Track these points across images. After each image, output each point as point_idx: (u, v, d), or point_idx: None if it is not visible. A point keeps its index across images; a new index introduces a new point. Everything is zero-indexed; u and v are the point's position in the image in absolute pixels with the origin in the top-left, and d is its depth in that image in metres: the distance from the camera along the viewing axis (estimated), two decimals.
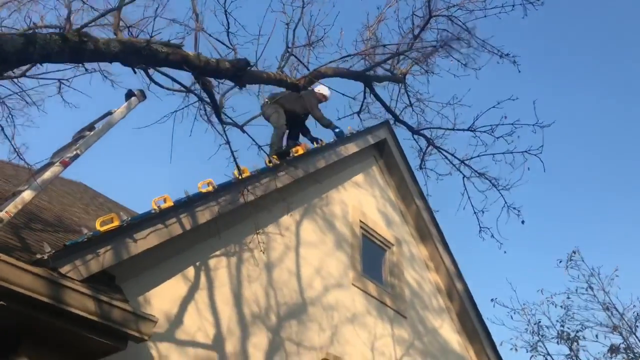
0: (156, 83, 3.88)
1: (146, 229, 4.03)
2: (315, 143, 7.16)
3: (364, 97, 5.93)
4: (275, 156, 6.23)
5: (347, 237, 6.69)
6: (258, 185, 5.31)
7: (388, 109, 5.67)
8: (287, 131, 7.45)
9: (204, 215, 4.59)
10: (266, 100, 7.18)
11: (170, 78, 3.69)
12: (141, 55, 3.11)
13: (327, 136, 12.35)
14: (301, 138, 7.58)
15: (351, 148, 7.16)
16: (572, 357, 10.96)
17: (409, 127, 5.68)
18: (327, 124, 7.14)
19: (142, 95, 4.49)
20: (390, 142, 7.98)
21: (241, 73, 3.66)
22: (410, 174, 8.06)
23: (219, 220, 4.74)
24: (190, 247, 4.60)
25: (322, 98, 7.55)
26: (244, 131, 3.79)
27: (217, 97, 4.08)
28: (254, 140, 3.88)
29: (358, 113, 6.29)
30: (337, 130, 7.14)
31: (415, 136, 5.83)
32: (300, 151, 6.52)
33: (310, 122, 7.49)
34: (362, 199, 7.31)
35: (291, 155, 6.39)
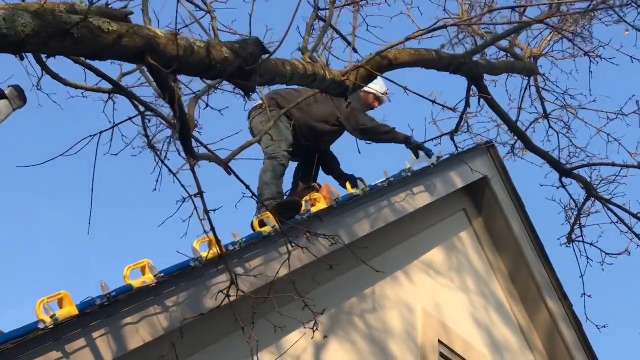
0: (55, 77, 3.87)
1: None
2: (350, 186, 7.13)
3: (466, 104, 5.97)
4: (269, 212, 6.20)
5: None
6: (242, 275, 5.23)
7: (511, 125, 5.71)
8: (297, 164, 7.49)
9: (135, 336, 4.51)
10: (259, 103, 7.20)
11: (88, 67, 3.67)
12: (67, 39, 3.15)
13: (375, 173, 12.42)
14: (322, 177, 7.73)
15: (421, 197, 7.15)
16: None
17: (553, 162, 5.70)
18: (393, 137, 7.35)
19: (19, 98, 4.51)
20: (497, 184, 8.05)
21: (251, 68, 3.78)
22: (538, 246, 8.14)
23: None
24: None
25: (373, 101, 7.71)
26: (229, 171, 3.72)
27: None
28: (246, 185, 3.78)
29: (452, 134, 6.29)
30: (416, 142, 7.30)
31: (565, 180, 5.89)
32: (321, 202, 6.47)
33: (343, 147, 7.51)
34: (442, 298, 7.32)
35: (303, 209, 6.32)
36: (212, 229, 3.85)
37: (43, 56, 3.70)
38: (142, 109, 3.98)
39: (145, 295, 4.71)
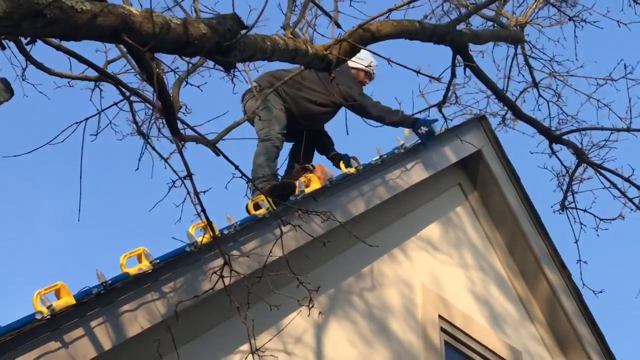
0: (39, 66, 3.84)
1: None
2: (343, 165, 7.11)
3: (452, 74, 5.93)
4: (263, 195, 6.18)
5: (414, 350, 6.63)
6: (236, 257, 5.22)
7: (500, 94, 5.68)
8: (292, 145, 7.47)
9: (134, 323, 4.50)
10: (253, 84, 7.15)
11: (72, 55, 3.63)
12: (39, 20, 3.11)
13: (368, 151, 12.44)
14: (317, 158, 7.71)
15: (416, 172, 7.14)
16: None
17: (543, 130, 5.68)
18: (394, 118, 7.22)
19: (5, 90, 4.48)
20: (491, 157, 8.05)
21: (230, 43, 3.74)
22: (535, 218, 8.15)
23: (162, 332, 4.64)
24: None
25: (364, 77, 7.68)
26: (217, 152, 3.69)
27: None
28: (235, 166, 3.75)
29: (440, 106, 6.26)
30: (422, 127, 7.17)
31: (555, 146, 5.86)
32: (315, 182, 6.45)
33: (336, 128, 7.48)
34: (441, 273, 7.32)
35: (297, 190, 6.31)
36: (203, 210, 3.83)
37: (27, 46, 3.68)
38: (128, 94, 3.93)
39: (142, 282, 4.71)
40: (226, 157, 3.67)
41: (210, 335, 5.16)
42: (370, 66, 7.64)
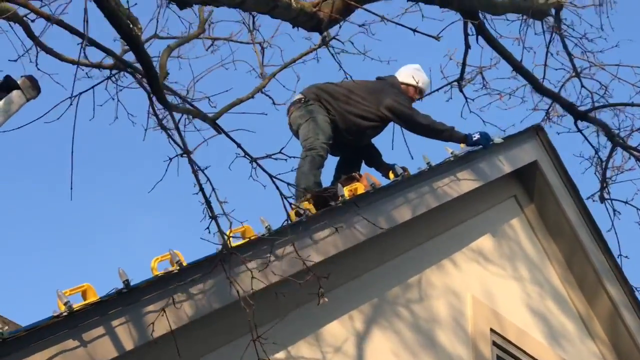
0: (50, 51, 3.74)
1: None
2: (393, 175, 6.95)
3: (466, 45, 5.64)
4: (306, 202, 6.03)
5: None
6: (272, 261, 5.07)
7: (518, 66, 5.37)
8: (338, 159, 7.35)
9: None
10: (297, 98, 7.12)
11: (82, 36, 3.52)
12: None
13: (417, 163, 12.31)
14: (364, 169, 7.53)
15: (466, 182, 6.96)
16: None
17: (567, 105, 5.37)
18: (450, 136, 7.10)
19: (32, 88, 4.43)
20: (548, 168, 7.83)
21: None
22: (594, 231, 7.94)
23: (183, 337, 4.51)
24: None
25: (414, 93, 7.49)
26: (218, 129, 3.53)
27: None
28: (238, 145, 3.59)
29: (459, 83, 5.99)
30: (476, 137, 7.04)
31: (583, 125, 5.51)
32: (360, 189, 6.30)
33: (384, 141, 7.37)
34: (493, 285, 7.13)
35: (340, 198, 6.16)
36: (201, 189, 3.67)
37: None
38: (148, 88, 3.82)
39: (168, 283, 4.57)
40: (228, 135, 3.53)
41: (234, 345, 4.98)
42: (420, 82, 7.47)
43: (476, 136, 7.10)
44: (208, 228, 3.93)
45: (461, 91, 6.46)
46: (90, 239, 19.67)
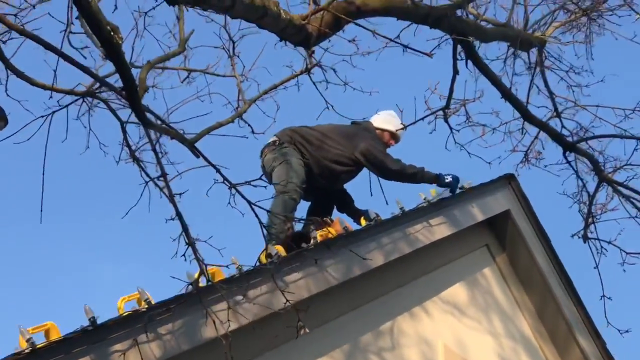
0: (20, 75, 3.60)
1: None
2: (364, 221, 6.87)
3: (454, 70, 5.60)
4: (278, 244, 5.90)
5: None
6: (242, 302, 4.92)
7: (509, 95, 5.31)
8: (310, 204, 7.28)
9: None
10: (272, 140, 7.07)
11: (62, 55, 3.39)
12: None
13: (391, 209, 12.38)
14: (336, 215, 7.47)
15: (439, 229, 6.86)
16: None
17: (556, 136, 5.31)
18: (422, 178, 7.06)
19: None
20: (520, 218, 7.79)
21: None
22: (566, 282, 7.86)
23: None
24: None
25: (389, 139, 7.47)
26: (196, 153, 3.39)
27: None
28: (217, 169, 3.45)
29: (444, 112, 5.93)
30: (448, 179, 7.03)
31: (571, 156, 5.46)
32: (333, 233, 6.20)
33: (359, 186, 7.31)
34: (465, 335, 7.02)
35: (312, 240, 6.05)
36: (178, 214, 3.52)
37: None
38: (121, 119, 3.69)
39: (136, 321, 4.39)
40: (206, 159, 3.39)
41: None
42: (395, 128, 7.42)
43: (448, 178, 7.06)
44: (184, 255, 3.76)
45: (446, 121, 6.40)
46: (52, 280, 19.35)
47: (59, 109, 3.83)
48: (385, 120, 7.43)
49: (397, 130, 7.42)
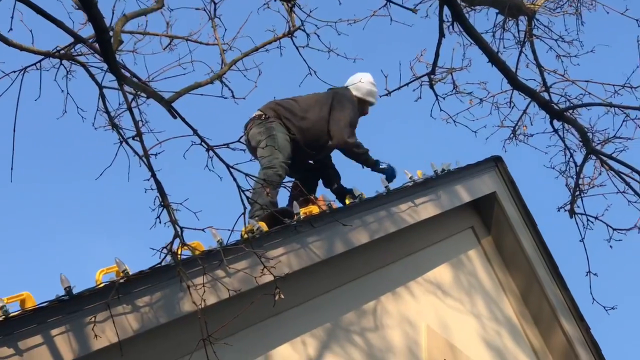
0: None
1: None
2: (348, 200, 6.81)
3: (440, 33, 5.50)
4: (261, 220, 5.83)
5: None
6: (222, 277, 4.85)
7: (495, 58, 5.19)
8: (294, 181, 7.27)
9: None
10: (257, 114, 7.05)
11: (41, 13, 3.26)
12: None
13: (374, 184, 12.43)
14: (322, 191, 7.51)
15: (424, 209, 6.81)
16: None
17: (544, 104, 5.19)
18: (361, 157, 7.16)
19: None
20: (506, 200, 7.78)
21: None
22: (551, 265, 7.85)
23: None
24: None
25: (364, 103, 7.54)
26: (173, 113, 3.29)
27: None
28: (195, 131, 3.36)
29: (430, 77, 5.87)
30: (383, 166, 7.16)
31: (559, 125, 5.36)
32: (316, 211, 6.13)
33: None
34: (449, 316, 6.99)
35: (296, 217, 5.98)
36: (153, 175, 3.43)
37: None
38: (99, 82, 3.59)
39: (112, 293, 4.30)
40: (184, 120, 3.29)
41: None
42: (372, 98, 7.59)
43: (383, 165, 7.18)
44: (159, 217, 3.67)
45: (432, 88, 6.33)
46: (32, 250, 19.17)
47: (30, 65, 3.74)
48: (364, 89, 7.50)
49: (373, 99, 7.57)
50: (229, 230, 4.45)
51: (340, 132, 7.07)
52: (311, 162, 7.41)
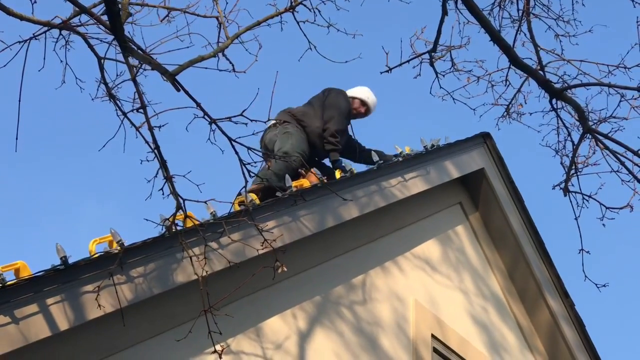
0: None
1: None
2: (339, 173, 6.89)
3: (443, 11, 5.55)
4: (253, 192, 5.88)
5: None
6: (215, 250, 4.86)
7: (496, 36, 5.21)
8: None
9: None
10: (272, 123, 7.32)
11: None
12: None
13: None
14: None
15: (414, 184, 6.84)
16: None
17: (543, 82, 5.23)
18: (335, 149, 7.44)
19: None
20: (494, 177, 7.79)
21: None
22: (538, 242, 7.89)
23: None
24: None
25: (359, 105, 7.85)
26: (177, 85, 3.30)
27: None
28: (198, 103, 3.36)
29: (431, 55, 5.90)
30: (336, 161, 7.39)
31: (557, 103, 5.39)
32: (306, 184, 6.17)
33: None
34: (436, 291, 7.04)
35: (287, 191, 6.00)
36: (157, 147, 3.44)
37: None
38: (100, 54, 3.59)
39: (108, 263, 4.32)
40: (187, 93, 3.30)
41: (175, 332, 4.75)
42: (366, 98, 7.89)
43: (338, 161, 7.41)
44: (162, 189, 3.69)
45: (432, 65, 6.37)
46: (32, 220, 19.10)
47: (30, 38, 3.72)
48: (359, 90, 7.87)
49: (370, 101, 7.87)
50: (230, 203, 4.47)
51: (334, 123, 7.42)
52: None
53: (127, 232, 4.70)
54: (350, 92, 7.82)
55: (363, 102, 7.83)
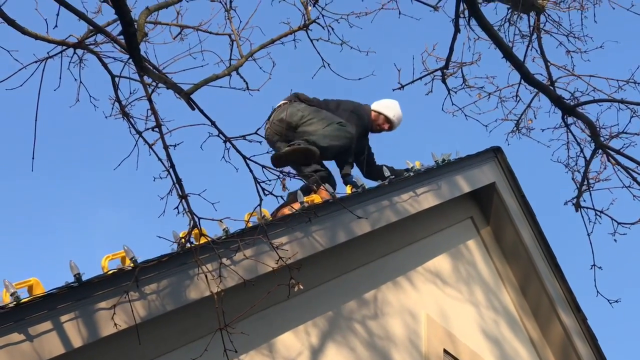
0: (12, 23, 3.51)
1: None
2: (350, 188, 6.87)
3: (455, 28, 5.59)
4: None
5: None
6: (228, 267, 4.87)
7: (509, 53, 5.24)
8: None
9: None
10: (282, 102, 7.28)
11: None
12: None
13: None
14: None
15: (425, 198, 6.85)
16: None
17: (556, 99, 5.25)
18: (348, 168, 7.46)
19: None
20: (505, 191, 7.79)
21: None
22: (550, 257, 7.87)
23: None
24: None
25: (383, 122, 7.75)
26: (192, 104, 3.33)
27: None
28: (212, 122, 3.38)
29: (443, 72, 5.94)
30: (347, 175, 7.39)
31: (569, 120, 5.42)
32: (318, 200, 6.19)
33: None
34: (448, 306, 7.04)
35: (300, 205, 6.02)
36: (172, 166, 3.47)
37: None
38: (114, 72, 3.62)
39: (122, 280, 4.34)
40: (202, 111, 3.33)
41: (194, 346, 4.77)
42: (392, 115, 7.76)
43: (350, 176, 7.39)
44: (177, 208, 3.71)
45: (444, 82, 6.40)
46: (48, 229, 19.18)
47: (45, 58, 3.75)
48: (387, 106, 7.73)
49: (395, 118, 7.74)
50: (244, 221, 4.50)
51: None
52: None
53: (140, 240, 4.74)
54: (377, 107, 7.73)
55: (387, 119, 7.75)
